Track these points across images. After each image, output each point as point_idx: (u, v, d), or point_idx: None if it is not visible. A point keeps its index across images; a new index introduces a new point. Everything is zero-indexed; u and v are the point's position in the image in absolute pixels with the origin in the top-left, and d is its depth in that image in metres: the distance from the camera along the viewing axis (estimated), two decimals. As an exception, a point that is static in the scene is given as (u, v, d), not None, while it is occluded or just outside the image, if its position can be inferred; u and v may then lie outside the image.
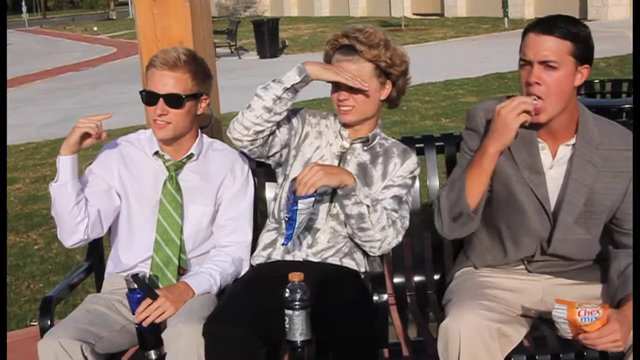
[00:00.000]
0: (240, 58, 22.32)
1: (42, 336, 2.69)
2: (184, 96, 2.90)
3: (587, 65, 2.61)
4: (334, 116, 3.10)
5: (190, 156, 3.05)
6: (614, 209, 2.72)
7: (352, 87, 2.88)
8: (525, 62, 2.62)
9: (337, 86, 2.94)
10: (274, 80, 2.85)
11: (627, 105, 5.62)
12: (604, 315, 2.43)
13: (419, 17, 31.07)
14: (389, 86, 3.02)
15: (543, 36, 2.56)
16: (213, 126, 3.43)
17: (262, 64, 20.42)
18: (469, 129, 2.83)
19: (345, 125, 3.04)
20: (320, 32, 27.71)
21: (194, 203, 3.04)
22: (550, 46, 2.55)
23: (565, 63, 2.56)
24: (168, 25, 3.51)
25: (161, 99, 2.89)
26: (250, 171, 3.17)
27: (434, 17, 30.11)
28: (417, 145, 3.39)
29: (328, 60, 3.02)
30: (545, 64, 2.56)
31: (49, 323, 2.79)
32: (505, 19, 24.27)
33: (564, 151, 2.71)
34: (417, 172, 3.09)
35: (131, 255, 3.03)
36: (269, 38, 21.96)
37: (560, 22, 2.57)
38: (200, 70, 2.98)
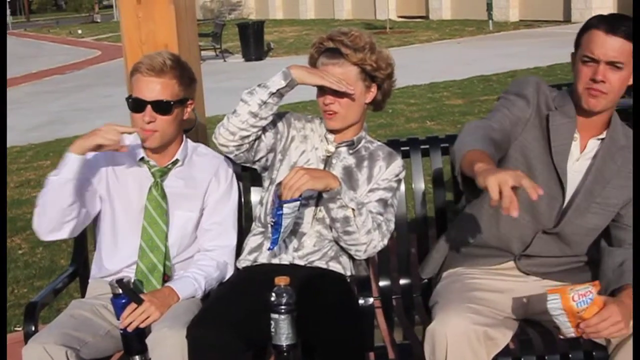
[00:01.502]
0: (225, 61, 22.30)
1: (26, 342, 2.67)
2: (172, 102, 2.89)
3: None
4: (319, 120, 3.09)
5: (175, 162, 3.04)
6: (623, 206, 2.79)
7: (337, 90, 2.88)
8: (590, 59, 2.62)
9: (322, 90, 2.94)
10: (259, 85, 2.84)
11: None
12: (599, 300, 2.42)
13: (403, 19, 31.15)
14: (374, 89, 3.02)
15: (611, 36, 2.58)
16: (198, 130, 3.43)
17: (247, 67, 20.41)
18: (518, 94, 2.81)
19: (327, 128, 3.04)
20: (306, 35, 27.73)
21: (179, 209, 3.02)
22: (618, 47, 2.58)
23: (628, 64, 2.60)
24: (153, 28, 3.49)
25: (149, 106, 2.86)
26: (234, 175, 3.16)
27: (418, 20, 30.19)
28: (402, 149, 3.39)
29: (313, 63, 3.02)
30: (612, 64, 2.59)
31: (33, 328, 2.78)
32: (490, 21, 24.36)
33: (593, 145, 2.78)
34: (402, 175, 3.09)
35: (115, 260, 3.01)
36: (254, 41, 21.95)
37: (624, 21, 2.59)
38: (185, 75, 2.96)
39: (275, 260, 2.97)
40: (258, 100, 2.81)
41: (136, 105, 2.89)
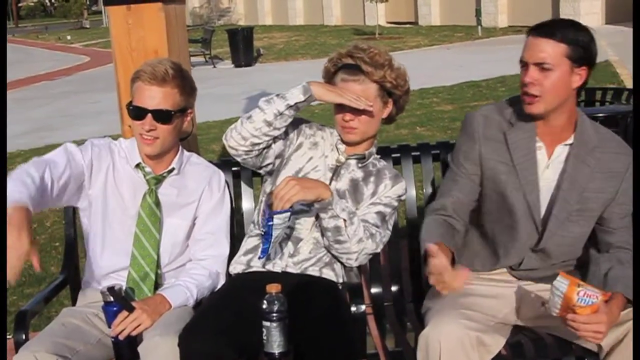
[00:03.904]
0: (214, 67, 22.28)
1: (17, 350, 2.66)
2: (173, 112, 2.87)
3: (584, 67, 2.66)
4: (331, 129, 3.10)
5: (171, 170, 3.02)
6: (604, 209, 2.79)
7: (357, 108, 2.88)
8: (522, 64, 2.69)
9: (341, 107, 2.94)
10: (277, 95, 2.84)
11: (600, 114, 5.65)
12: (596, 305, 2.45)
13: (393, 25, 31.19)
14: (390, 105, 3.04)
15: (539, 39, 2.64)
16: (189, 137, 3.42)
17: (237, 73, 20.41)
18: (465, 133, 2.86)
19: (343, 140, 3.05)
20: (295, 41, 27.76)
21: (170, 217, 3.01)
22: (545, 48, 2.62)
23: (561, 65, 2.62)
24: (143, 35, 3.50)
25: (149, 114, 2.84)
26: (226, 185, 3.16)
27: (408, 26, 30.24)
28: (393, 155, 3.40)
29: (329, 78, 3.03)
30: (539, 65, 2.63)
31: (24, 337, 2.75)
32: (479, 27, 24.45)
33: (560, 151, 2.78)
34: (404, 197, 3.12)
35: (103, 263, 2.99)
36: (243, 47, 21.95)
37: (558, 26, 2.64)
38: (187, 85, 2.94)
39: (268, 266, 2.96)
40: (274, 110, 2.81)
41: (137, 113, 2.87)
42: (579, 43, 2.63)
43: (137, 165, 2.99)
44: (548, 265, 2.85)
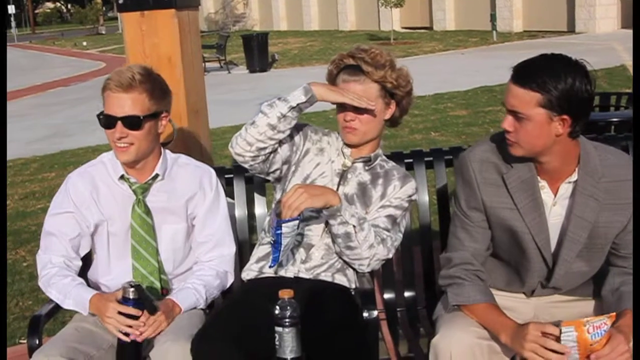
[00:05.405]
0: (229, 72, 22.33)
1: (30, 355, 2.67)
2: (142, 117, 2.83)
3: (565, 116, 2.45)
4: (337, 133, 3.10)
5: (155, 176, 2.98)
6: (614, 238, 2.68)
7: (358, 107, 2.88)
8: (505, 107, 2.56)
9: (343, 107, 2.95)
10: (279, 98, 2.86)
11: (615, 119, 5.62)
12: (608, 330, 2.38)
13: (407, 30, 31.18)
14: (393, 106, 3.04)
15: (513, 85, 2.50)
16: (202, 142, 3.42)
17: (252, 78, 20.44)
18: (462, 180, 2.77)
19: (345, 142, 3.04)
20: (310, 46, 27.79)
21: (165, 222, 2.99)
22: (517, 96, 2.47)
23: (534, 115, 2.46)
24: (156, 42, 3.51)
25: (119, 122, 2.81)
26: (219, 182, 3.12)
27: (422, 31, 30.22)
28: (406, 161, 3.40)
29: (332, 79, 3.03)
30: (514, 113, 2.50)
31: (37, 342, 2.77)
32: (494, 32, 24.40)
33: (566, 188, 2.65)
34: (414, 197, 3.10)
35: (109, 280, 3.00)
36: (258, 52, 22.00)
37: (537, 71, 2.47)
38: (157, 88, 2.90)
39: (280, 272, 2.96)
40: (277, 113, 2.82)
41: (107, 121, 2.85)
42: (557, 91, 2.42)
43: (121, 177, 2.97)
44: (560, 293, 2.82)
